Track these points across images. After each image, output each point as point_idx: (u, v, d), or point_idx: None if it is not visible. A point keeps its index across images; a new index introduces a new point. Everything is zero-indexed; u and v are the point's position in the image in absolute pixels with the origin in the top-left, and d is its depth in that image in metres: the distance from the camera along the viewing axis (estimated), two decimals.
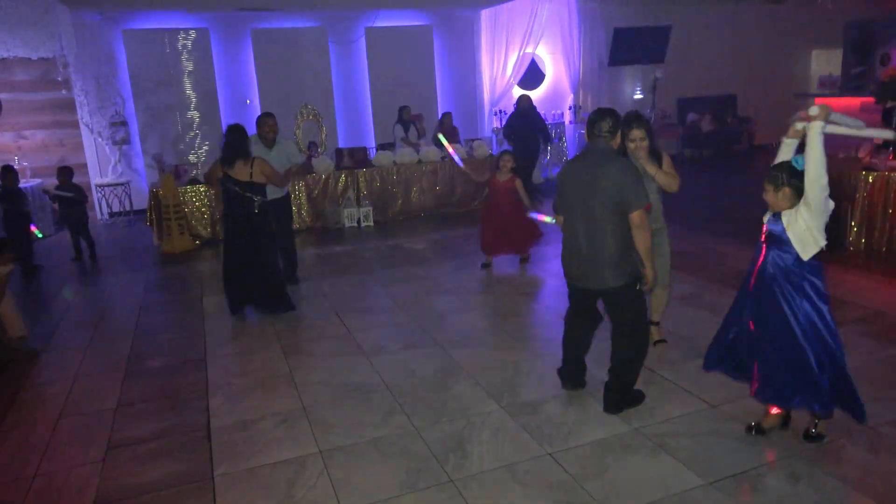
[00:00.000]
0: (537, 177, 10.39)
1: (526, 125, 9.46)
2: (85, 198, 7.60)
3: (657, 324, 4.36)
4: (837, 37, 13.21)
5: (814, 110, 2.81)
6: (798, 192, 2.88)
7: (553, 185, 4.06)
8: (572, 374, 3.81)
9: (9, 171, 6.96)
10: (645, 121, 3.89)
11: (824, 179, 2.78)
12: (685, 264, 5.91)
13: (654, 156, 3.94)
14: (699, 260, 6.24)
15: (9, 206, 6.85)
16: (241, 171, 5.06)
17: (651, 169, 3.85)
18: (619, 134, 3.41)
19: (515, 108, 9.67)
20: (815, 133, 2.78)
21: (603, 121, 3.35)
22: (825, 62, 14.10)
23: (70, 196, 7.35)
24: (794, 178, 2.88)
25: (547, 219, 6.14)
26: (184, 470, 3.23)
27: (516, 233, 6.25)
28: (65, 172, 7.50)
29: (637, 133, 3.81)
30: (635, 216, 3.24)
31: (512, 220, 6.19)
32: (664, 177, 3.90)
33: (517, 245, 6.32)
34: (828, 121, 2.81)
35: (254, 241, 5.20)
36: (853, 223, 6.33)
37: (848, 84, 11.86)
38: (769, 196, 2.97)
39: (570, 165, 3.50)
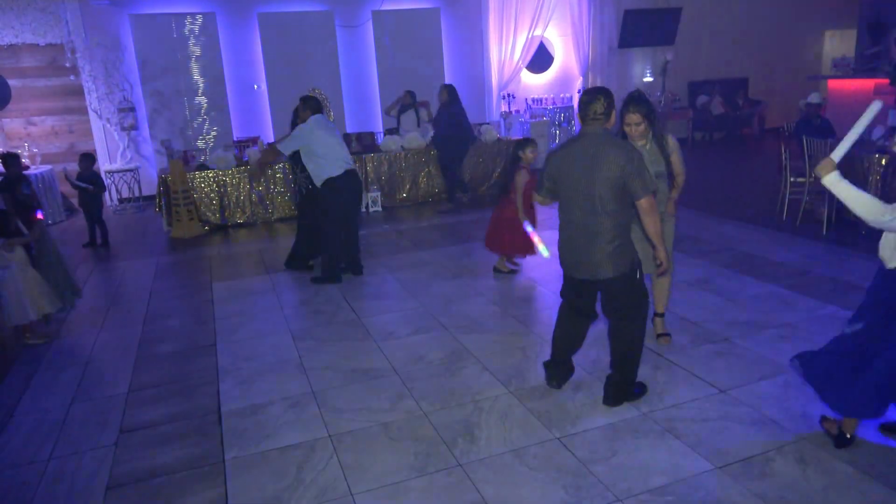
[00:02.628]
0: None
1: (450, 118, 8.52)
2: (104, 187, 7.68)
3: (661, 315, 4.22)
4: (851, 17, 12.99)
5: (819, 173, 2.74)
6: None
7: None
8: (559, 371, 3.65)
9: (12, 158, 6.97)
10: (644, 102, 3.69)
11: (872, 215, 2.63)
12: (695, 249, 5.88)
13: (658, 141, 3.77)
14: (709, 244, 6.20)
15: (11, 194, 6.88)
16: None
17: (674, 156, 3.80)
18: (613, 115, 3.26)
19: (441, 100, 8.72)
20: (833, 185, 2.71)
21: (596, 102, 3.18)
22: (839, 43, 13.89)
23: (89, 187, 7.41)
24: None
25: (541, 248, 5.47)
26: (195, 454, 3.26)
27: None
28: (86, 159, 7.59)
29: (633, 117, 3.64)
30: (644, 202, 3.12)
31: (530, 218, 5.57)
32: (678, 163, 3.85)
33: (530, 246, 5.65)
34: (835, 166, 2.71)
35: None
36: None
37: (862, 65, 11.67)
38: None
39: (565, 150, 3.27)
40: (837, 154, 2.72)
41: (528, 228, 5.34)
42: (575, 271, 3.34)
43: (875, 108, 2.66)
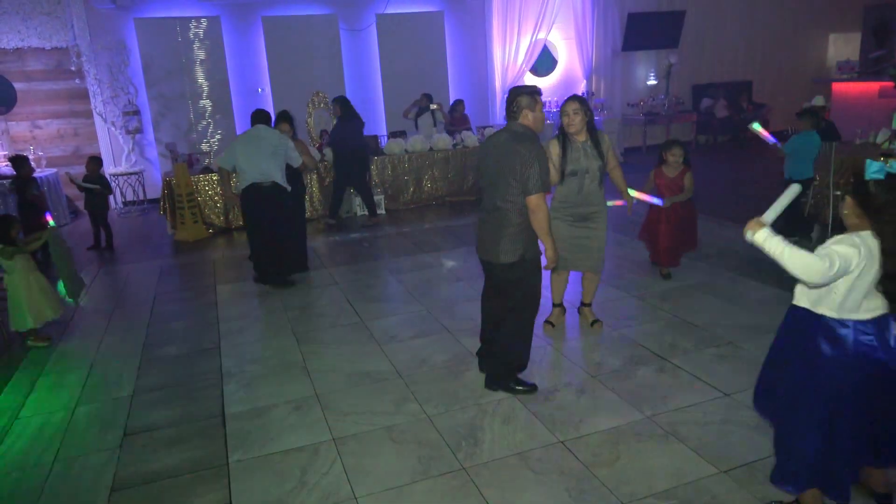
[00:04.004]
0: None
1: (345, 130, 7.87)
2: (110, 190, 7.74)
3: (588, 305, 4.53)
4: (856, 20, 12.97)
5: (748, 232, 2.35)
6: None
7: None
8: (482, 353, 3.91)
9: (22, 161, 7.02)
10: (581, 97, 4.16)
11: (817, 273, 2.21)
12: (698, 252, 5.87)
13: (593, 137, 4.10)
14: (713, 247, 6.19)
15: (22, 196, 6.92)
16: None
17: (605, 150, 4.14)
18: (527, 113, 3.41)
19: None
20: (765, 243, 2.31)
21: (514, 101, 3.43)
22: (843, 46, 13.86)
23: (95, 187, 7.46)
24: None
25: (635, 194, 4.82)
26: (199, 456, 3.27)
27: (685, 236, 5.46)
28: (94, 162, 7.67)
29: (570, 105, 4.03)
30: (531, 199, 3.32)
31: (687, 220, 5.41)
32: (614, 159, 4.27)
33: (669, 253, 5.44)
34: (767, 223, 2.35)
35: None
36: None
37: (866, 68, 11.65)
38: None
39: (487, 142, 3.57)
40: (768, 217, 2.36)
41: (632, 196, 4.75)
42: (478, 251, 3.64)
43: (793, 191, 2.46)
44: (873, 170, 2.17)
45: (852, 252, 2.19)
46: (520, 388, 3.68)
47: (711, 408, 3.42)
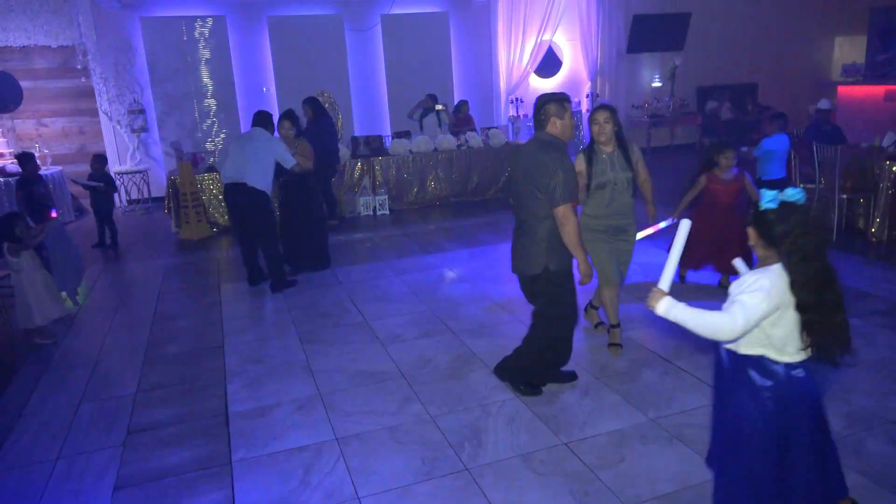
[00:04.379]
0: None
1: (320, 128, 7.64)
2: (115, 187, 7.75)
3: (615, 326, 4.19)
4: (862, 23, 12.94)
5: (651, 305, 2.21)
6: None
7: None
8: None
9: (29, 158, 7.03)
10: (610, 106, 4.02)
11: (728, 331, 2.07)
12: None
13: (623, 148, 3.97)
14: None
15: (27, 193, 6.94)
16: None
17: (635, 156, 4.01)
18: (556, 122, 3.33)
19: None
20: (669, 312, 2.17)
21: (541, 109, 3.36)
22: (849, 49, 13.83)
23: (99, 185, 7.47)
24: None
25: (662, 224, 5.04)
26: (202, 455, 3.27)
27: (732, 246, 4.72)
28: (98, 160, 7.68)
29: (600, 115, 3.90)
30: (558, 210, 3.23)
31: (734, 229, 4.82)
32: (644, 171, 4.09)
33: (725, 260, 4.74)
34: (666, 290, 2.22)
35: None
36: (876, 214, 6.23)
37: (872, 72, 11.63)
38: None
39: (518, 152, 3.53)
40: (665, 283, 2.25)
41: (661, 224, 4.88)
42: (512, 263, 3.58)
43: (684, 227, 2.37)
44: (767, 199, 2.08)
45: (759, 298, 2.02)
46: (523, 388, 3.67)
47: None
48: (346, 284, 5.81)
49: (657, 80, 12.79)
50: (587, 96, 12.01)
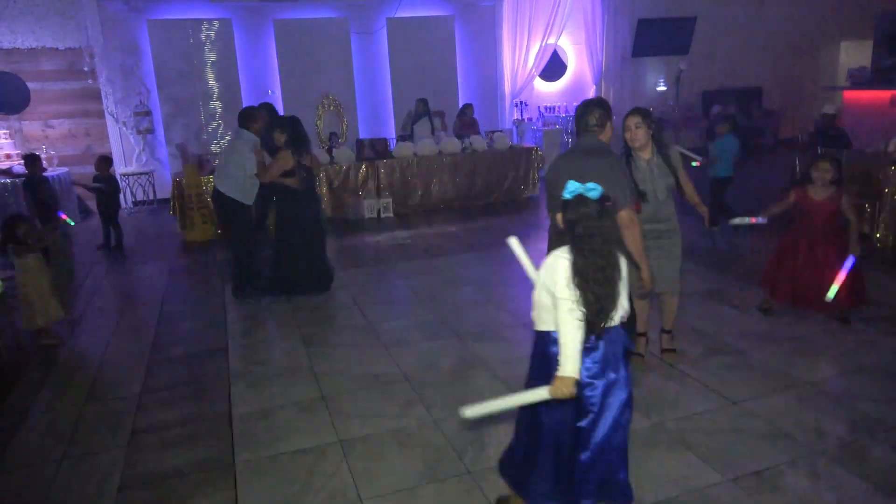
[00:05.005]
0: None
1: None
2: (118, 189, 7.79)
3: (668, 332, 4.09)
4: (867, 28, 12.92)
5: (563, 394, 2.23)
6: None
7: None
8: None
9: (34, 159, 7.08)
10: (643, 109, 3.85)
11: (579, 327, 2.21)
12: (708, 260, 5.85)
13: (664, 154, 3.74)
14: (722, 255, 6.17)
15: (34, 195, 6.98)
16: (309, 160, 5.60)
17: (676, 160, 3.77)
18: (609, 126, 3.27)
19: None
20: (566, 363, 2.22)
21: (590, 114, 3.24)
22: (854, 54, 13.80)
23: (102, 187, 7.51)
24: None
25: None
26: (206, 456, 3.28)
27: (830, 275, 4.29)
28: (103, 162, 7.70)
29: (632, 120, 3.72)
30: (623, 215, 3.08)
31: (831, 255, 4.35)
32: (685, 177, 3.84)
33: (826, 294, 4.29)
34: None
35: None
36: (881, 220, 6.21)
37: (878, 76, 11.60)
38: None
39: (560, 161, 3.31)
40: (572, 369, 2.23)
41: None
42: None
43: (516, 247, 2.49)
44: (569, 190, 2.28)
45: (563, 286, 2.22)
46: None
47: (719, 416, 3.41)
48: (351, 287, 5.82)
49: (662, 83, 12.79)
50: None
